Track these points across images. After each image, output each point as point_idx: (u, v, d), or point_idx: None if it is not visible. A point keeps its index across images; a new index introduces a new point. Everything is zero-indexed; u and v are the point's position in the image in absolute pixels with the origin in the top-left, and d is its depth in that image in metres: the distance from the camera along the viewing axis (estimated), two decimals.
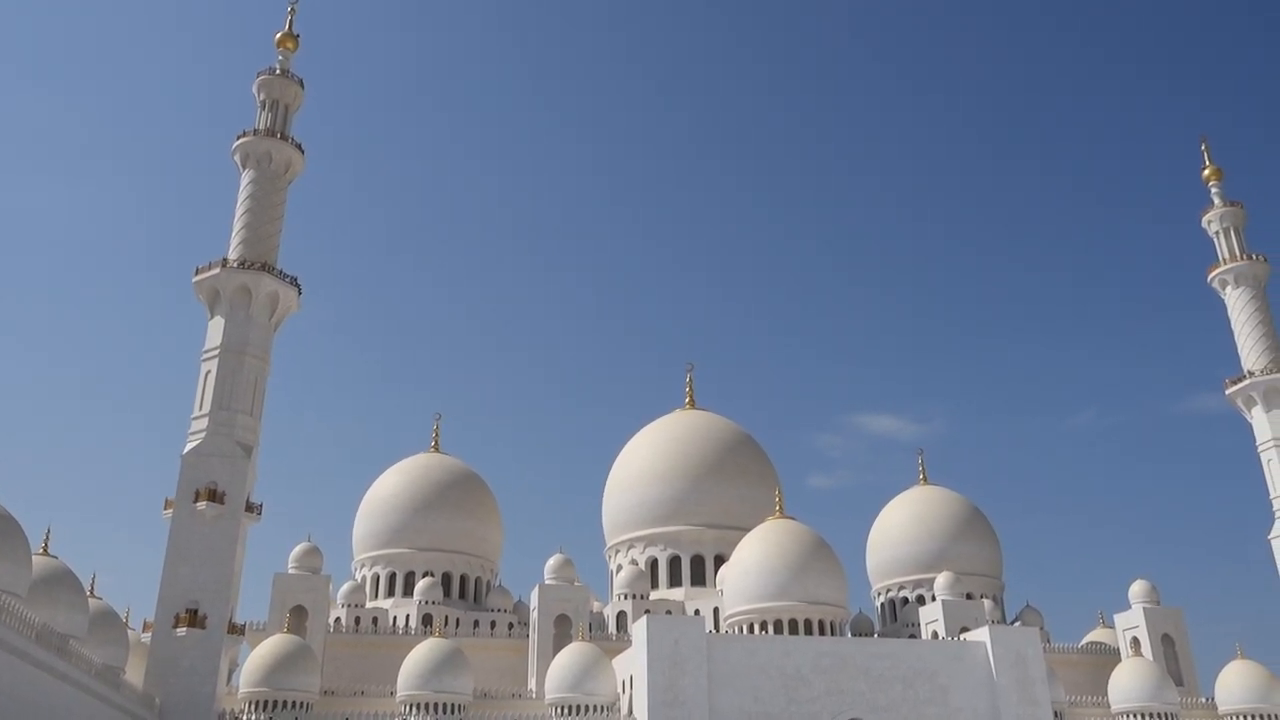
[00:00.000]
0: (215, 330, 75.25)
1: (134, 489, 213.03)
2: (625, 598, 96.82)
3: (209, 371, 73.89)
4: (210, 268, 76.26)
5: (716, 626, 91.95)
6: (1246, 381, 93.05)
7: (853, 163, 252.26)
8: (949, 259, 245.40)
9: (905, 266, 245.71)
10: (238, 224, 79.53)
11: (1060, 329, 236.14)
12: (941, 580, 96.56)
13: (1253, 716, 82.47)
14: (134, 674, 65.07)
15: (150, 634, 67.51)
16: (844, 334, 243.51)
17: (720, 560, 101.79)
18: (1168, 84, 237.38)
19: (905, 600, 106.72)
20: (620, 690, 73.91)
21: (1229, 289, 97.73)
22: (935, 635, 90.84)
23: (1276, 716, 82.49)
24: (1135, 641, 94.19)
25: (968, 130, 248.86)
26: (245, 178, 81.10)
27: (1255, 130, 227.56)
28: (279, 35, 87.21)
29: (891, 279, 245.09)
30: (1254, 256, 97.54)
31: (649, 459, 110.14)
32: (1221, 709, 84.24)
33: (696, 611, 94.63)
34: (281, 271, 77.90)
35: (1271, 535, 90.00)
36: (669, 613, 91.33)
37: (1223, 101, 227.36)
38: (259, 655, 71.80)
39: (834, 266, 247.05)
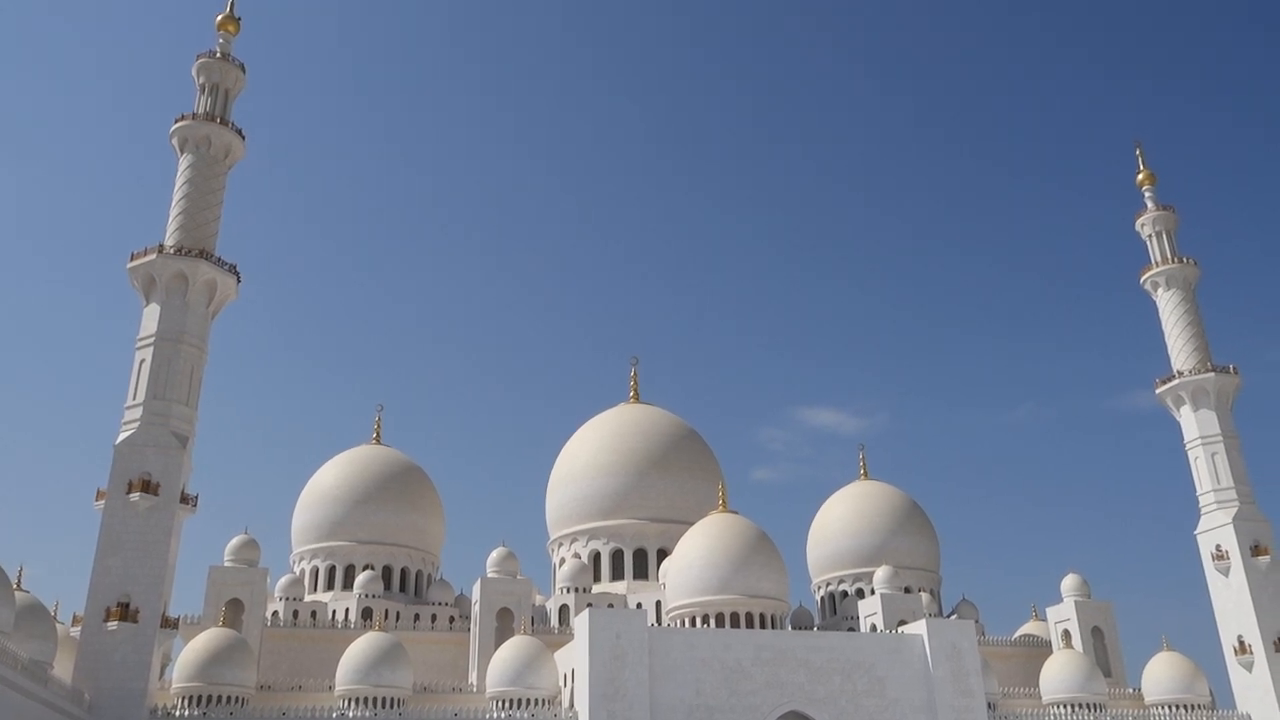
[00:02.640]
0: (150, 318, 73.56)
1: (64, 479, 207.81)
2: (568, 591, 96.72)
3: (144, 360, 72.20)
4: (146, 253, 74.46)
5: (659, 620, 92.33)
6: (1175, 381, 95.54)
7: (796, 158, 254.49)
8: (891, 255, 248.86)
9: (848, 261, 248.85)
10: (175, 209, 77.79)
11: (1000, 325, 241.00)
12: (880, 574, 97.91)
13: (1177, 706, 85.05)
14: (63, 669, 63.39)
15: (80, 628, 65.92)
16: (788, 328, 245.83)
17: (663, 554, 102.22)
18: (1107, 88, 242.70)
19: (845, 593, 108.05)
20: (562, 683, 73.90)
21: (1160, 291, 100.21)
22: (874, 628, 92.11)
23: (1200, 706, 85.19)
24: (1066, 634, 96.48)
25: (909, 128, 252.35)
26: (183, 162, 79.33)
27: (1189, 136, 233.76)
28: (220, 17, 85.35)
29: (835, 274, 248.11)
30: (1184, 260, 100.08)
31: (593, 453, 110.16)
32: (1148, 699, 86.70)
33: (639, 605, 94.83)
34: (220, 259, 76.40)
35: (1198, 531, 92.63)
36: (611, 606, 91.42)
37: (1158, 107, 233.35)
38: (193, 649, 70.55)
39: (778, 261, 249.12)
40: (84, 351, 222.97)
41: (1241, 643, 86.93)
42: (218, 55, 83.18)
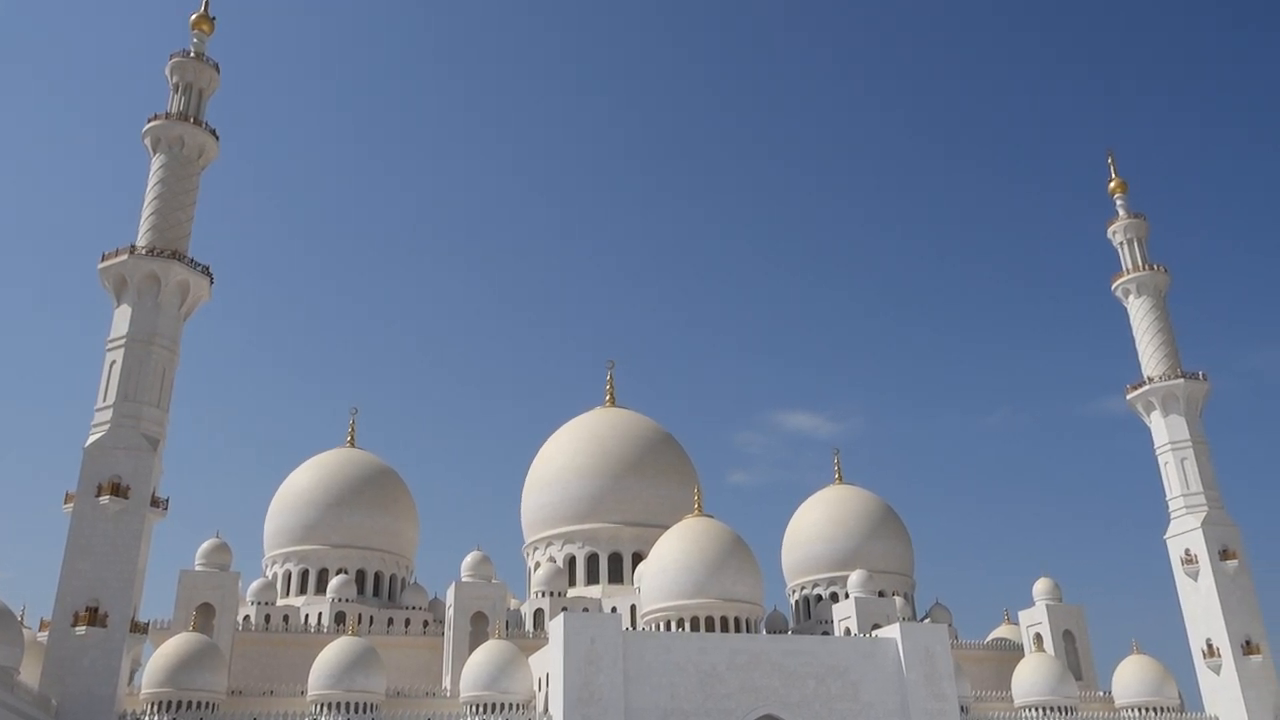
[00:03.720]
0: (121, 319, 72.83)
1: (32, 482, 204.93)
2: (543, 595, 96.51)
3: (114, 361, 71.46)
4: (117, 254, 73.75)
5: (634, 624, 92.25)
6: (1146, 387, 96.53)
7: (774, 163, 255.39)
8: (868, 260, 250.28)
9: (825, 265, 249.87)
10: (147, 210, 77.10)
11: (975, 330, 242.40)
12: (854, 578, 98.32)
13: (1146, 709, 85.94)
14: (30, 674, 62.57)
15: (48, 633, 65.06)
16: (764, 332, 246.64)
17: (638, 558, 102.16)
18: (1084, 95, 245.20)
19: (819, 597, 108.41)
20: (536, 688, 73.67)
21: (1131, 298, 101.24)
22: (848, 632, 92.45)
23: (1169, 709, 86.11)
24: (1038, 637, 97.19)
25: (886, 134, 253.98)
26: (156, 162, 78.65)
27: (1162, 142, 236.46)
28: (194, 17, 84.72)
29: (812, 278, 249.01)
30: (1155, 267, 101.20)
31: (569, 456, 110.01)
32: (1118, 702, 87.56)
33: (614, 609, 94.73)
34: (193, 260, 75.78)
35: (1167, 535, 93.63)
36: (586, 610, 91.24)
37: (1130, 112, 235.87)
38: (163, 654, 69.75)
39: (755, 265, 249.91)
40: (53, 352, 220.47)
41: (1210, 646, 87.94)
42: (191, 55, 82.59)
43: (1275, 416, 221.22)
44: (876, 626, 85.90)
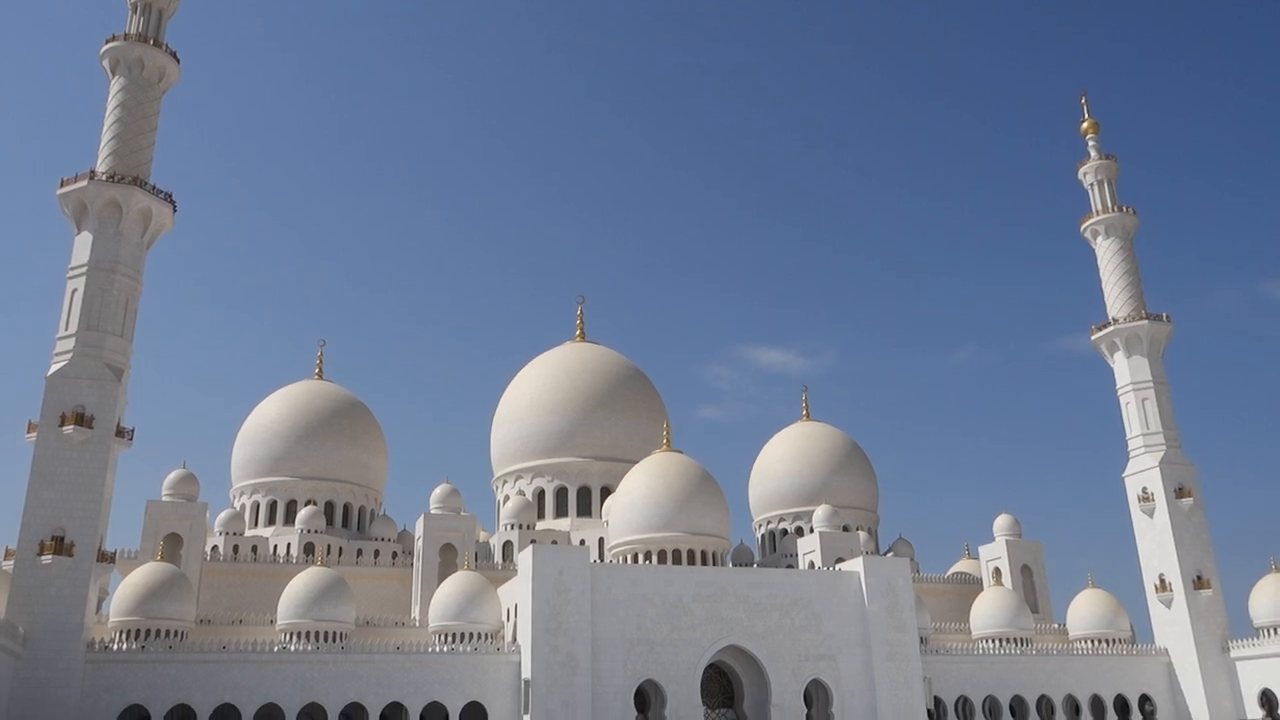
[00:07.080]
0: (82, 246, 71.40)
1: None
2: (512, 528, 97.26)
3: (76, 290, 70.20)
4: (77, 180, 71.94)
5: (601, 557, 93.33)
6: (1110, 328, 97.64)
7: (741, 94, 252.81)
8: (839, 196, 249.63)
9: (797, 202, 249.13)
10: (107, 134, 75.06)
11: (945, 267, 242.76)
12: (820, 513, 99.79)
13: (1099, 641, 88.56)
14: None
15: (13, 562, 64.85)
16: (735, 267, 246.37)
17: (607, 492, 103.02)
18: (1057, 35, 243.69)
19: (785, 532, 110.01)
20: (505, 619, 74.63)
21: (1100, 239, 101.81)
22: (812, 565, 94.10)
23: (1120, 641, 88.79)
24: (997, 572, 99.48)
25: (855, 71, 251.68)
26: (115, 85, 76.43)
27: (1134, 82, 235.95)
28: None
29: (784, 214, 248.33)
30: (1124, 209, 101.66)
31: (538, 390, 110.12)
32: (1072, 634, 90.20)
33: (582, 542, 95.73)
34: (155, 186, 74.10)
35: (1125, 474, 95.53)
36: (555, 543, 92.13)
37: (1104, 57, 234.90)
38: (130, 583, 69.96)
39: (726, 200, 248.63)
40: (13, 280, 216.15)
41: (1162, 580, 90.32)
42: None
43: (1233, 355, 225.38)
44: (840, 560, 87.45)
